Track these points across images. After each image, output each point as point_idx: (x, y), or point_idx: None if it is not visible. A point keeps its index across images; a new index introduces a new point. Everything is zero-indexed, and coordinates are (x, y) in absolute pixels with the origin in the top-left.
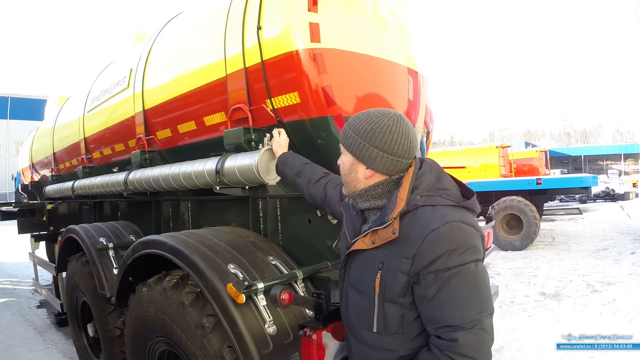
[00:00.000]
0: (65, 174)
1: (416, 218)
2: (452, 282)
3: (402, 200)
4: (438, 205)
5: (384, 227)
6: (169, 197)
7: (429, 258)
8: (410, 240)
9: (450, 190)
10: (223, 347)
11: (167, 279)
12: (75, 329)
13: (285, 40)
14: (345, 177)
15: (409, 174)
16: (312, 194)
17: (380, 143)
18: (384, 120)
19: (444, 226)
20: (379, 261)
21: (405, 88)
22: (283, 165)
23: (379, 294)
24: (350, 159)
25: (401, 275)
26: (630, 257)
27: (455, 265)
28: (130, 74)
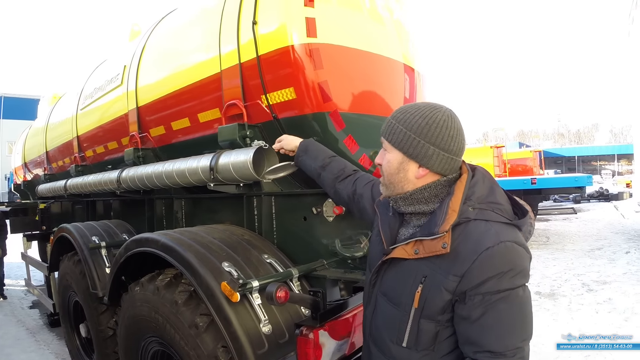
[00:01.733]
0: (58, 173)
1: (468, 233)
2: (500, 306)
3: (454, 211)
4: (491, 220)
5: (432, 239)
6: (162, 195)
7: (479, 278)
8: (460, 256)
9: (502, 205)
10: (217, 347)
11: (160, 278)
12: (68, 329)
13: (281, 35)
14: (391, 177)
15: (462, 182)
16: (339, 190)
17: (436, 139)
18: (438, 115)
19: (498, 246)
20: (421, 274)
21: (401, 85)
22: (304, 153)
23: (417, 309)
24: (398, 157)
25: (445, 293)
26: (625, 257)
27: (506, 289)
28: (123, 71)
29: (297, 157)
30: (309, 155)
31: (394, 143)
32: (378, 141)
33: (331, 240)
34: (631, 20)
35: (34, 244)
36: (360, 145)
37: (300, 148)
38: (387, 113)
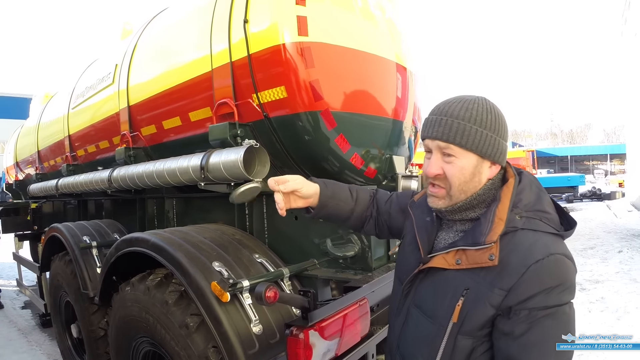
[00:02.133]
0: (50, 172)
1: (516, 243)
2: (546, 323)
3: (500, 219)
4: (539, 230)
5: (477, 250)
6: (153, 195)
7: (527, 293)
8: (507, 269)
9: (550, 214)
10: (208, 347)
11: (150, 278)
12: (59, 329)
13: (272, 34)
14: (465, 185)
15: (509, 188)
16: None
17: (503, 131)
18: (492, 104)
19: (548, 259)
20: (462, 286)
21: (393, 84)
22: (331, 199)
23: (456, 324)
24: (473, 160)
25: (489, 308)
26: (617, 256)
27: (553, 305)
28: (115, 69)
29: (325, 204)
30: (337, 198)
31: (469, 146)
32: (369, 140)
33: (322, 240)
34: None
35: (25, 244)
36: (352, 144)
37: (327, 194)
38: (379, 112)
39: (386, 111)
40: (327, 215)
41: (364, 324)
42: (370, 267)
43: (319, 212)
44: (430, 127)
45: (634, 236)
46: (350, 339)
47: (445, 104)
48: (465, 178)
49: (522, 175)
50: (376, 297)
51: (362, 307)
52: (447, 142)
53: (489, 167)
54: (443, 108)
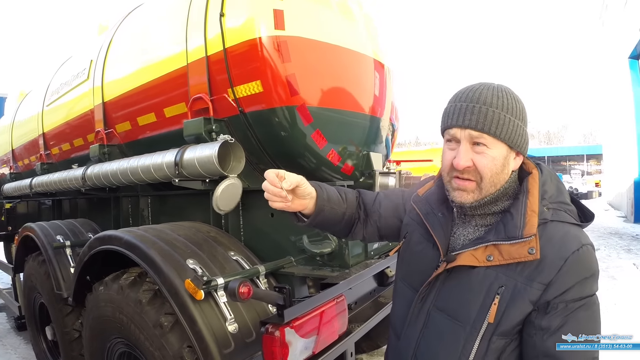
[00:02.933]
0: (24, 172)
1: (549, 236)
2: (580, 314)
3: (534, 212)
4: (566, 222)
5: (514, 244)
6: (128, 193)
7: (565, 285)
8: (546, 262)
9: (571, 206)
10: (183, 347)
11: (124, 277)
12: (34, 332)
13: (248, 28)
14: (496, 177)
15: (535, 180)
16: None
17: (526, 120)
18: (516, 94)
19: (582, 249)
20: (496, 284)
21: (371, 80)
22: (328, 202)
23: (492, 324)
24: (503, 150)
25: (527, 305)
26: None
27: (587, 295)
28: (90, 65)
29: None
30: (332, 201)
31: (502, 136)
32: (347, 137)
33: (299, 237)
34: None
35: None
36: (329, 140)
37: (323, 197)
38: (356, 109)
39: (363, 108)
40: (322, 222)
41: (341, 321)
42: (347, 264)
43: (316, 218)
44: (460, 115)
45: (611, 234)
46: (328, 336)
47: (473, 91)
48: (497, 169)
49: (542, 167)
50: (354, 294)
51: (339, 305)
52: (482, 131)
53: (514, 158)
54: (472, 95)
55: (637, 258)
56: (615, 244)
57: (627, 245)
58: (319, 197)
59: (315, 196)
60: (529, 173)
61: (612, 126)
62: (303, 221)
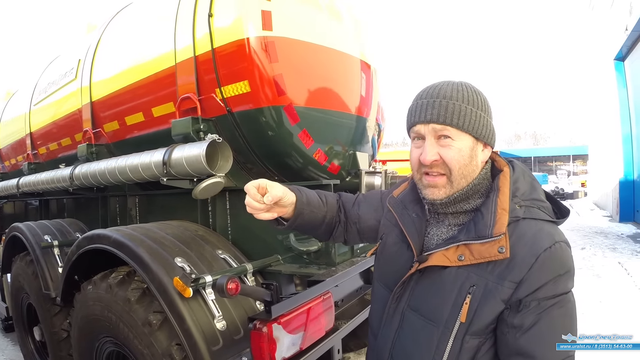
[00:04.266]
0: (11, 172)
1: (520, 233)
2: (554, 312)
3: (504, 210)
4: (539, 219)
5: (484, 243)
6: (116, 192)
7: (538, 283)
8: (516, 260)
9: (545, 202)
10: (171, 345)
11: (112, 275)
12: (22, 332)
13: (236, 28)
14: (465, 168)
15: (506, 177)
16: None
17: (490, 111)
18: (475, 86)
19: (554, 247)
20: (468, 283)
21: (358, 80)
22: (308, 205)
23: (464, 323)
24: (469, 142)
25: (499, 304)
26: (580, 253)
27: (561, 293)
28: (78, 64)
29: (301, 212)
30: (311, 204)
31: (465, 127)
32: (333, 136)
33: (286, 236)
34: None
35: None
36: (315, 140)
37: (302, 200)
38: (343, 109)
39: (350, 108)
40: (301, 225)
41: (328, 318)
42: (333, 262)
43: (294, 221)
44: (422, 111)
45: (596, 234)
46: (315, 332)
47: (433, 88)
48: (465, 160)
49: (514, 164)
50: (340, 292)
51: (326, 301)
52: (444, 124)
53: (482, 149)
54: (432, 91)
55: (622, 257)
56: (601, 243)
57: (612, 244)
58: (298, 200)
59: (295, 201)
60: (501, 171)
61: (598, 127)
62: (282, 224)
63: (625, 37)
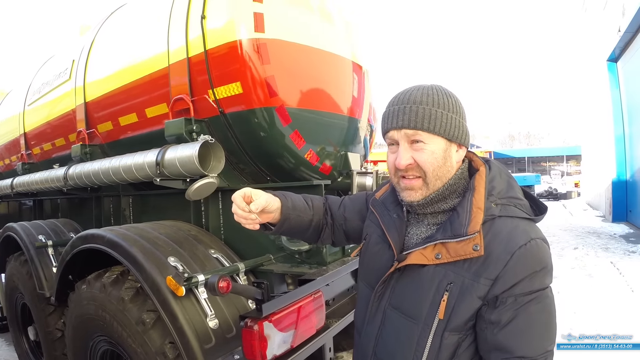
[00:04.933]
0: (5, 172)
1: (496, 231)
2: (532, 308)
3: (479, 208)
4: (515, 217)
5: (459, 241)
6: (110, 192)
7: (513, 280)
8: (491, 258)
9: (522, 200)
10: (165, 343)
11: (106, 275)
12: (16, 332)
13: (228, 30)
14: (439, 170)
15: (482, 176)
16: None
17: (463, 112)
18: (446, 89)
19: (530, 243)
20: (445, 280)
21: (349, 81)
22: (293, 210)
23: (442, 320)
24: (441, 144)
25: (476, 300)
26: (573, 252)
27: (538, 289)
28: (72, 65)
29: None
30: (297, 209)
31: (437, 130)
32: (325, 137)
33: (277, 235)
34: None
35: None
36: (307, 141)
37: (289, 207)
38: (335, 110)
39: (342, 109)
40: (289, 229)
41: (319, 316)
42: (325, 261)
43: (282, 226)
44: (394, 118)
45: (589, 234)
46: (306, 331)
47: (403, 94)
48: (438, 162)
49: (491, 164)
50: (332, 290)
51: (316, 300)
52: (415, 128)
53: (457, 150)
54: (403, 97)
55: (615, 256)
56: (594, 242)
57: (605, 244)
58: (283, 206)
59: (280, 206)
60: (478, 171)
61: (591, 128)
62: (270, 229)
63: (618, 38)
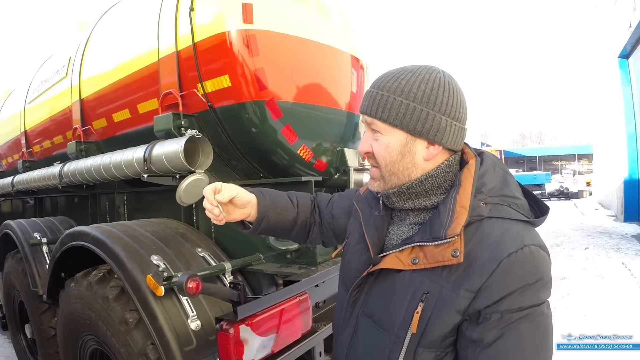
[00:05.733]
0: (8, 170)
1: (483, 235)
2: (521, 327)
3: (463, 207)
4: (507, 218)
5: (438, 245)
6: (105, 190)
7: (499, 293)
8: (474, 266)
9: (519, 199)
10: (147, 344)
11: (93, 273)
12: (14, 330)
13: (216, 22)
14: (393, 165)
15: (470, 171)
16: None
17: (446, 106)
18: (439, 75)
19: (522, 251)
20: (421, 290)
21: (348, 76)
22: (271, 208)
23: (415, 335)
24: (401, 137)
25: (454, 315)
26: (583, 253)
27: (529, 305)
28: (69, 62)
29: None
30: (277, 206)
31: (392, 121)
32: (318, 132)
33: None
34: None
35: None
36: (300, 136)
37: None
38: (332, 104)
39: (339, 103)
40: (268, 228)
41: (305, 320)
42: (315, 261)
43: (259, 224)
44: (362, 101)
45: (600, 233)
46: (289, 335)
47: (382, 75)
48: (392, 158)
49: (484, 156)
50: (322, 293)
51: (302, 303)
52: (371, 116)
53: (426, 146)
54: (377, 79)
55: (626, 257)
56: (605, 243)
57: (617, 244)
58: (259, 202)
59: (257, 203)
60: None
61: (602, 126)
62: (248, 228)
63: (629, 34)
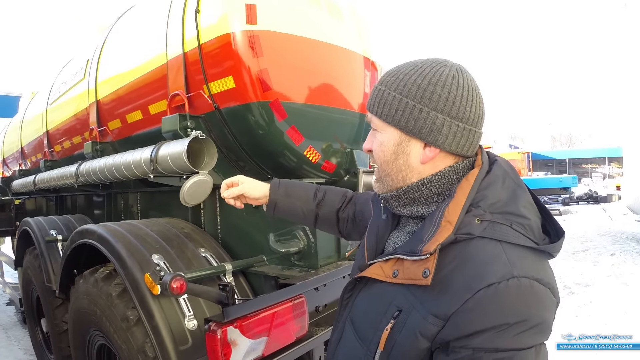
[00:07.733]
0: (32, 169)
1: (466, 256)
2: None
3: (448, 222)
4: (505, 241)
5: (415, 261)
6: (120, 189)
7: (471, 327)
8: (448, 291)
9: (528, 219)
10: (146, 342)
11: (100, 270)
12: (32, 324)
13: (220, 23)
14: (387, 165)
15: (468, 180)
16: (342, 219)
17: (445, 104)
18: (444, 70)
19: (507, 283)
20: (395, 306)
21: (360, 77)
22: (286, 197)
23: (383, 352)
24: (394, 135)
25: (421, 340)
26: (609, 259)
27: (508, 349)
28: (86, 64)
29: (276, 204)
30: (293, 197)
31: (385, 117)
32: (327, 133)
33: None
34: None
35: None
36: (307, 137)
37: (279, 193)
38: (342, 105)
39: (351, 104)
40: (284, 212)
41: (300, 323)
42: (316, 264)
43: (272, 209)
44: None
45: (628, 239)
46: (282, 338)
47: (390, 70)
48: (385, 157)
49: (495, 165)
50: (324, 296)
51: (297, 306)
52: (370, 112)
53: (422, 147)
54: (385, 73)
55: None
56: (632, 249)
57: None
58: (271, 192)
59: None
60: None
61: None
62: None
63: None
